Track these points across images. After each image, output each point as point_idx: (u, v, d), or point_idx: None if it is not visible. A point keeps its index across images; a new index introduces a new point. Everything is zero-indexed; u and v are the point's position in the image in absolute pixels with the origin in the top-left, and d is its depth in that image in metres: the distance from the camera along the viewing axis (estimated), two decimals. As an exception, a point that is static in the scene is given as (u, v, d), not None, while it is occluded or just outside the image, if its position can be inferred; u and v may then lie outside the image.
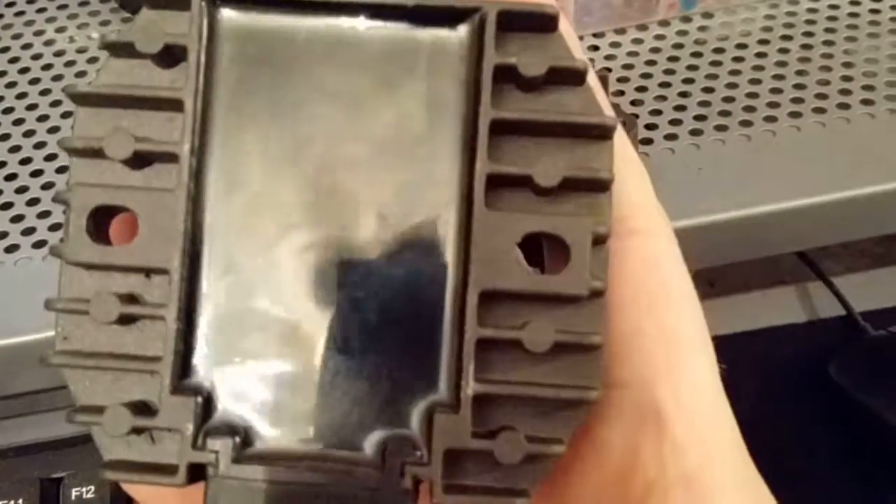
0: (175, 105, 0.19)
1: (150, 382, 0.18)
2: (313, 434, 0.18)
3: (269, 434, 0.18)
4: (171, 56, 0.19)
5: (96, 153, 0.19)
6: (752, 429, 0.20)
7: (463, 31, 0.19)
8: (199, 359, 0.19)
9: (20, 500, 0.38)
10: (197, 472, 0.18)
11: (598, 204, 0.19)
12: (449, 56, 0.19)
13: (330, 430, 0.18)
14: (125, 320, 0.18)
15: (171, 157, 0.19)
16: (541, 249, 0.20)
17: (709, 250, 0.40)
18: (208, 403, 0.18)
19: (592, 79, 0.19)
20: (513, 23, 0.18)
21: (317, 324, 0.19)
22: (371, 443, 0.18)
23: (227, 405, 0.18)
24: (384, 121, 0.19)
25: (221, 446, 0.18)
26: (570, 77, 0.19)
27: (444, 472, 0.18)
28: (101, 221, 0.19)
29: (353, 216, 0.19)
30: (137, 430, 0.18)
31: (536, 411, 0.19)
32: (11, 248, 0.39)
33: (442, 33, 0.19)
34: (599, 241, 0.19)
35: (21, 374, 0.37)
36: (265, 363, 0.19)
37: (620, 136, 0.20)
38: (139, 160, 0.19)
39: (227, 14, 0.19)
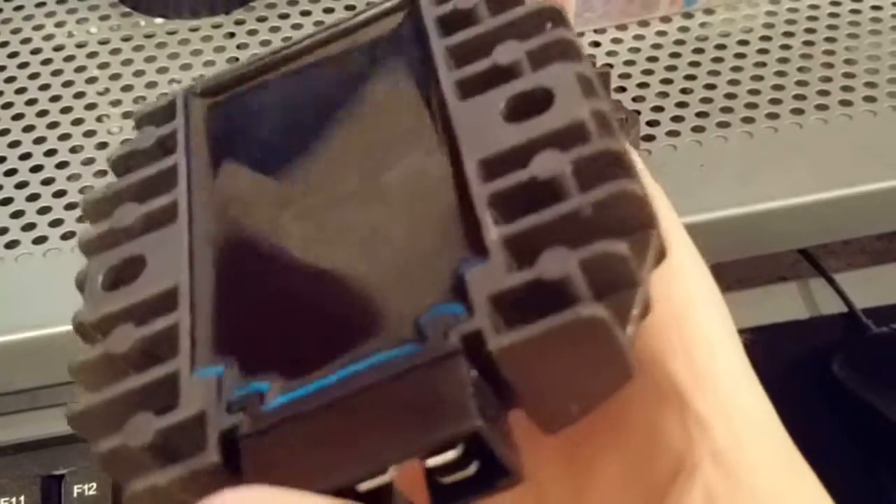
0: (170, 173, 0.20)
1: (167, 385, 0.17)
2: (341, 355, 0.16)
3: (295, 375, 0.16)
4: (163, 148, 0.20)
5: (108, 233, 0.19)
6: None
7: (400, 17, 0.21)
8: (211, 344, 0.17)
9: (21, 498, 0.38)
10: (229, 446, 0.16)
11: (574, 55, 0.18)
12: (398, 37, 0.20)
13: (359, 343, 0.16)
14: (141, 344, 0.17)
15: (172, 207, 0.19)
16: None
17: (711, 247, 0.40)
18: (227, 377, 0.17)
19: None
20: None
21: (319, 259, 0.18)
22: (405, 330, 0.16)
23: (246, 371, 0.17)
24: (355, 99, 0.20)
25: (248, 404, 0.16)
26: (508, 1, 0.19)
27: (493, 318, 0.15)
28: (114, 276, 0.19)
29: (342, 172, 0.19)
30: (162, 435, 0.16)
31: (575, 229, 0.16)
32: (12, 244, 0.39)
33: (385, 24, 0.21)
34: (586, 84, 0.17)
35: (22, 370, 0.36)
36: (274, 318, 0.18)
37: None
38: (146, 222, 0.19)
39: (204, 100, 0.21)
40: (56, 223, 0.39)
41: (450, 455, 0.15)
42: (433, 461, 0.15)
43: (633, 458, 0.19)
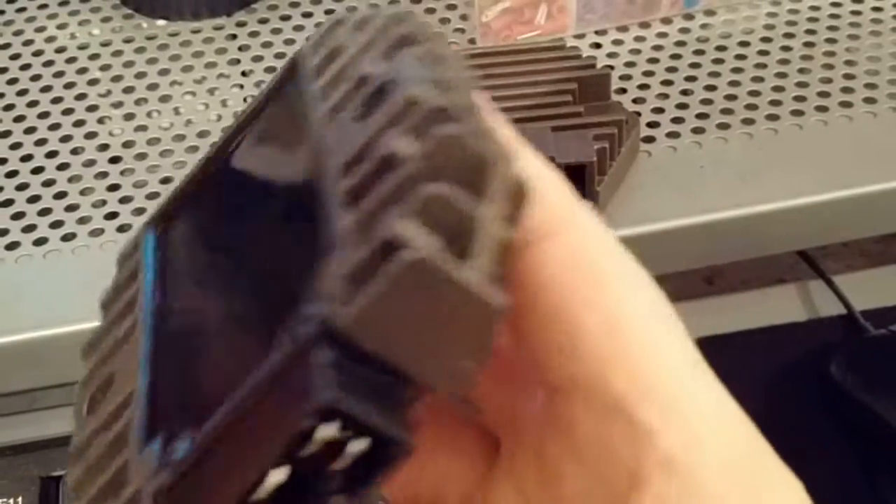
0: (134, 298, 0.21)
1: (123, 474, 0.18)
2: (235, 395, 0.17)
3: (204, 418, 0.17)
4: (133, 279, 0.22)
5: (94, 367, 0.21)
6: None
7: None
8: (150, 425, 0.19)
9: (20, 499, 0.38)
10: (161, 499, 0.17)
11: (416, 41, 0.18)
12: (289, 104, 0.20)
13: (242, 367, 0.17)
14: (108, 446, 0.19)
15: (133, 326, 0.21)
16: None
17: (710, 249, 0.40)
18: (160, 449, 0.18)
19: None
20: None
21: (216, 323, 0.20)
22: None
23: (174, 437, 0.18)
24: (265, 181, 0.21)
25: (169, 462, 0.17)
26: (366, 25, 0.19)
27: (346, 298, 0.15)
28: (93, 401, 0.21)
29: (241, 248, 0.20)
30: None
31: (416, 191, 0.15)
32: (12, 246, 0.39)
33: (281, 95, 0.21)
34: (429, 59, 0.17)
35: (21, 371, 0.37)
36: (189, 383, 0.19)
37: (528, 154, 0.19)
38: (115, 345, 0.21)
39: (157, 228, 0.22)
40: (56, 225, 0.39)
41: (327, 432, 0.15)
42: (308, 451, 0.15)
43: (593, 475, 0.18)
